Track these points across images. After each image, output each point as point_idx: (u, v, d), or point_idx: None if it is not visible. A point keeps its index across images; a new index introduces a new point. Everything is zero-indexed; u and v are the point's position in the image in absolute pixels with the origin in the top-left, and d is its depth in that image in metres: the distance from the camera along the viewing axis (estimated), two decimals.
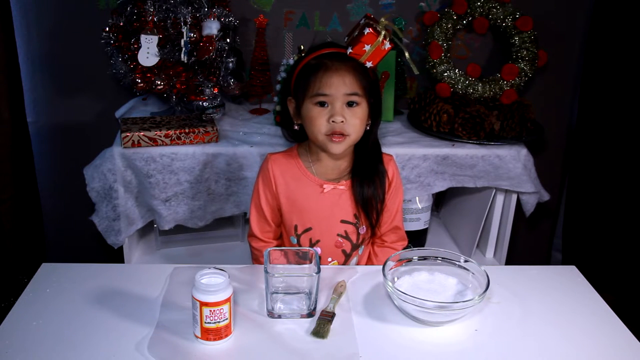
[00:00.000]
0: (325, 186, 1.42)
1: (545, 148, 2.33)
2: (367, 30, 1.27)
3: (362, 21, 1.32)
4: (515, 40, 2.02)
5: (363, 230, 1.46)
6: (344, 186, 1.43)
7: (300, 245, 1.45)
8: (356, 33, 1.31)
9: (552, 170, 2.36)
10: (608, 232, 2.16)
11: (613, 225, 2.14)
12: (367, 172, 1.43)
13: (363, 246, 1.50)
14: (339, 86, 1.30)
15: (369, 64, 1.33)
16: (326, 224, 1.44)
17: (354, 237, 1.46)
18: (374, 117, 1.41)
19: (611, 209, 2.15)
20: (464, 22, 2.06)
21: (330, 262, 1.47)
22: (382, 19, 1.31)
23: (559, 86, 2.28)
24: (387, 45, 1.31)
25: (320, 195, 1.42)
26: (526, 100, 2.01)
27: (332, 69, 1.30)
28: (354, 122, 1.33)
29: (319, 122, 1.33)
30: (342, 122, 1.32)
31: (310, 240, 1.45)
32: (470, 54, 2.20)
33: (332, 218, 1.44)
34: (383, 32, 1.29)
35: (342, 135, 1.33)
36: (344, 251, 1.47)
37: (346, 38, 1.36)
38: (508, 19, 2.02)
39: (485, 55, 2.21)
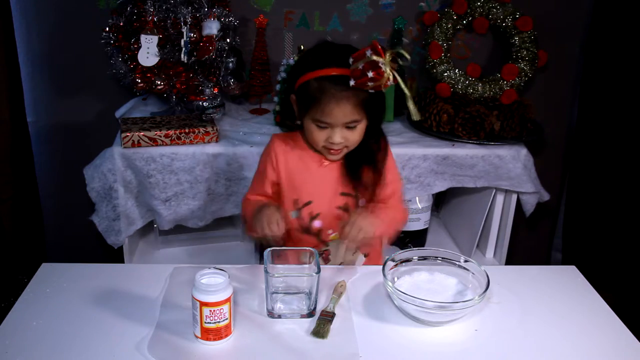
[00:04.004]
0: (324, 162, 1.43)
1: (545, 148, 2.33)
2: (370, 74, 1.24)
3: (368, 53, 1.24)
4: (515, 40, 2.02)
5: (363, 202, 1.46)
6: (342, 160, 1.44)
7: (301, 219, 1.45)
8: (360, 66, 1.25)
9: (552, 170, 2.36)
10: (608, 232, 2.16)
11: (613, 225, 2.14)
12: (364, 153, 1.43)
13: None
14: (339, 117, 1.31)
15: (372, 90, 1.31)
16: (326, 197, 1.44)
17: (353, 209, 1.45)
18: (379, 110, 1.40)
19: (611, 209, 2.15)
20: (464, 22, 2.06)
21: (330, 234, 1.47)
22: (388, 54, 1.25)
23: (559, 86, 2.28)
24: (391, 82, 1.28)
25: (319, 168, 1.43)
26: (526, 100, 2.01)
27: (333, 99, 1.29)
28: (351, 139, 1.36)
29: (318, 139, 1.36)
30: (341, 142, 1.35)
31: (311, 213, 1.44)
32: (470, 54, 2.20)
33: (331, 191, 1.44)
34: (387, 71, 1.25)
35: (340, 149, 1.37)
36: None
37: (351, 60, 1.28)
38: (508, 19, 2.02)
39: (485, 55, 2.21)
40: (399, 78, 1.27)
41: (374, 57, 1.24)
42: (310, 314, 1.15)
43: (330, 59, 1.32)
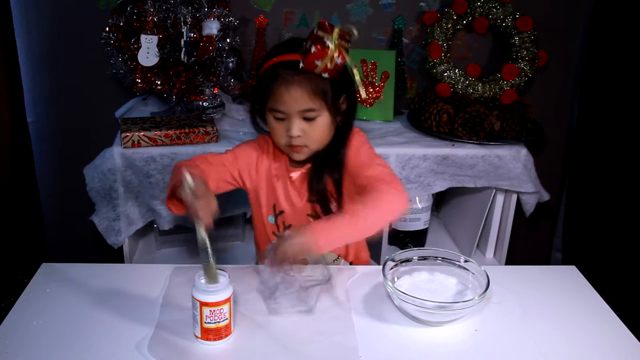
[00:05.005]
0: (292, 174, 1.39)
1: (545, 148, 2.33)
2: (313, 49, 1.18)
3: (315, 30, 1.20)
4: (515, 40, 2.02)
5: (334, 208, 1.38)
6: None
7: (277, 226, 1.43)
8: (308, 45, 1.21)
9: (552, 170, 2.36)
10: (608, 232, 2.16)
11: (613, 225, 2.14)
12: (327, 160, 1.36)
13: None
14: (291, 104, 1.26)
15: (325, 75, 1.24)
16: (295, 208, 1.40)
17: (324, 216, 1.39)
18: (350, 108, 1.34)
19: (611, 209, 2.14)
20: (464, 22, 2.06)
21: None
22: (336, 30, 1.20)
23: (559, 86, 2.28)
24: (340, 60, 1.21)
25: (287, 181, 1.40)
26: (526, 100, 2.01)
27: (284, 84, 1.25)
28: (312, 134, 1.29)
29: (278, 133, 1.31)
30: (300, 136, 1.29)
31: (284, 223, 1.42)
32: (470, 54, 2.20)
33: (300, 200, 1.40)
34: (332, 47, 1.19)
35: (301, 146, 1.31)
36: None
37: (304, 43, 1.23)
38: (508, 19, 2.02)
39: (485, 55, 2.21)
40: (348, 58, 1.21)
41: (319, 33, 1.20)
42: (309, 311, 1.15)
43: (288, 47, 1.29)
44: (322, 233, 1.13)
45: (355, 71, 1.27)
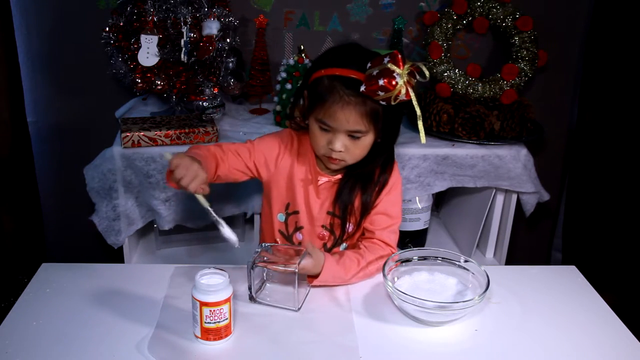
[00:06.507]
0: (320, 179, 1.38)
1: (545, 148, 2.33)
2: (381, 81, 1.17)
3: (385, 60, 1.18)
4: (515, 40, 2.02)
5: (350, 227, 1.41)
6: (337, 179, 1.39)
7: (286, 225, 1.42)
8: (374, 73, 1.19)
9: (552, 170, 2.37)
10: (608, 232, 2.16)
11: (613, 225, 2.14)
12: (364, 176, 1.37)
13: (346, 244, 1.44)
14: (342, 122, 1.25)
15: (383, 103, 1.23)
16: (312, 213, 1.40)
17: (337, 232, 1.41)
18: (392, 130, 1.34)
19: (611, 209, 2.15)
20: (464, 22, 2.06)
21: None
22: (407, 66, 1.18)
23: (559, 86, 2.28)
24: (404, 97, 1.19)
25: (313, 185, 1.39)
26: (526, 100, 2.01)
27: (339, 102, 1.23)
28: (353, 152, 1.29)
29: (319, 142, 1.30)
30: (341, 151, 1.28)
31: (296, 223, 1.42)
32: (470, 54, 2.20)
33: (320, 208, 1.40)
34: (400, 82, 1.17)
35: (339, 160, 1.30)
36: (325, 245, 1.42)
37: (369, 65, 1.22)
38: (508, 19, 2.02)
39: (485, 55, 2.21)
40: (412, 94, 1.20)
41: (390, 66, 1.18)
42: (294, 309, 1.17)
43: (349, 60, 1.25)
44: (329, 271, 1.24)
45: (417, 110, 1.23)
